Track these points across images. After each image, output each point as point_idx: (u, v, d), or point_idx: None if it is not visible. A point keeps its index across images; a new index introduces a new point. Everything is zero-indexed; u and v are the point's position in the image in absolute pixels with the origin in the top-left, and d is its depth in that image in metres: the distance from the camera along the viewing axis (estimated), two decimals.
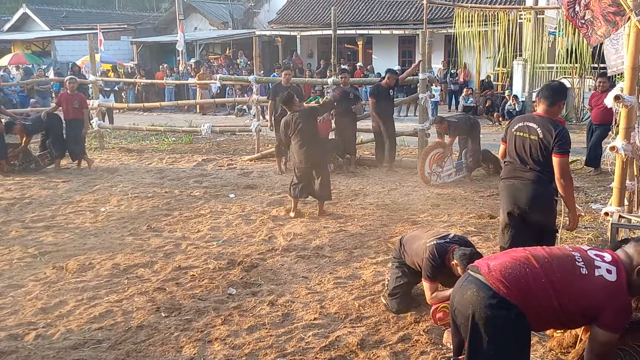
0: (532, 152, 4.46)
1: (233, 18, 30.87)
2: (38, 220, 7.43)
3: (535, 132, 4.44)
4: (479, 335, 2.95)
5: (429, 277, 4.33)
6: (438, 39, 20.34)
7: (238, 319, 4.59)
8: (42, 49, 28.91)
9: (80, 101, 10.81)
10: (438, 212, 7.55)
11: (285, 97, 7.73)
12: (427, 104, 10.29)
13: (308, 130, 7.44)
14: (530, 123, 4.50)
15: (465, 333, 3.03)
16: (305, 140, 7.42)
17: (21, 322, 4.58)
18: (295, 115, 7.47)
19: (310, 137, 7.46)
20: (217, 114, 20.48)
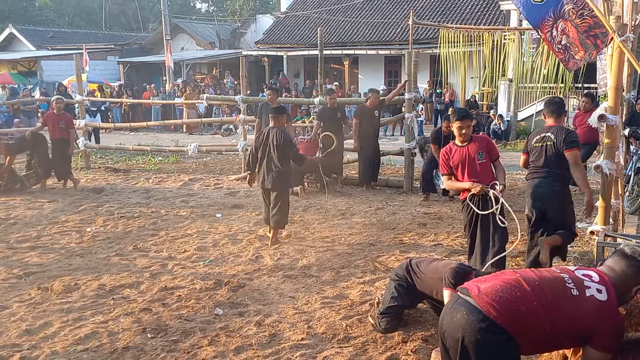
0: (549, 156, 5.41)
1: (220, 38, 31.05)
2: (23, 241, 7.36)
3: (551, 139, 5.40)
4: (468, 359, 2.94)
5: (451, 284, 4.33)
6: (423, 59, 20.60)
7: (225, 339, 4.57)
8: (29, 69, 28.85)
9: (67, 121, 10.79)
10: (425, 232, 7.58)
11: (277, 108, 7.48)
12: (414, 123, 10.38)
13: (277, 150, 7.05)
14: (546, 133, 5.47)
15: (455, 356, 3.00)
16: (270, 159, 7.08)
17: (5, 344, 4.52)
18: (273, 131, 7.15)
19: (273, 158, 7.06)
20: (203, 134, 20.50)
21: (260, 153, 7.15)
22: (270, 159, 7.07)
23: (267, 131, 7.19)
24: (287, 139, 7.12)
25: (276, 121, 7.23)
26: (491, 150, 5.58)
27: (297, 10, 28.19)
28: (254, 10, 38.93)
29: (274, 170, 7.04)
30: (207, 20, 37.26)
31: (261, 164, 7.15)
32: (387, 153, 11.03)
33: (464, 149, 5.51)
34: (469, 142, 5.52)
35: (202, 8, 53.14)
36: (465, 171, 5.52)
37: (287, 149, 7.07)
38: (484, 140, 5.68)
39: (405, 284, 4.68)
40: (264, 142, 7.12)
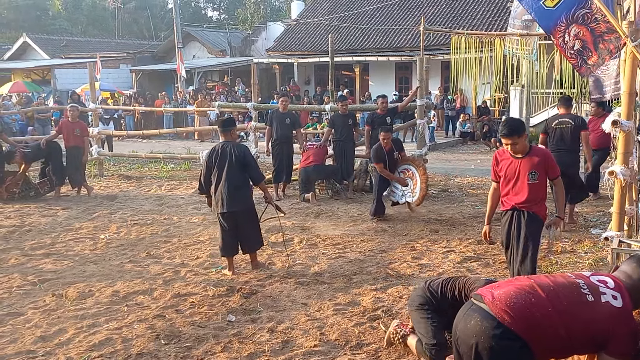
0: (566, 135, 7.77)
1: (231, 46, 31.22)
2: (37, 248, 7.43)
3: (569, 123, 7.82)
4: None
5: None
6: (435, 66, 20.57)
7: (238, 346, 4.58)
8: (42, 78, 29.13)
9: (82, 129, 10.89)
10: (437, 238, 7.56)
11: (226, 120, 6.73)
12: (425, 129, 10.37)
13: (237, 166, 6.31)
14: (563, 119, 7.89)
15: None
16: (226, 178, 6.29)
17: (20, 351, 4.56)
18: (228, 146, 6.38)
19: (232, 176, 6.30)
20: (215, 141, 20.57)
21: (216, 173, 6.36)
22: (230, 177, 6.28)
23: (220, 147, 6.40)
24: (248, 152, 6.46)
25: (227, 135, 6.51)
26: (549, 169, 5.01)
27: (307, 18, 28.29)
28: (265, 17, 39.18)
29: (236, 189, 6.30)
30: (219, 28, 37.49)
31: (218, 185, 6.35)
32: None
33: (516, 162, 5.00)
34: (524, 155, 4.97)
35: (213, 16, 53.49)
36: (511, 189, 5.08)
37: (247, 164, 6.35)
38: (542, 157, 5.00)
39: (433, 308, 4.21)
40: (220, 160, 6.34)
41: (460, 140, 19.31)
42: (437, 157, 15.36)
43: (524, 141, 4.93)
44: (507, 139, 4.89)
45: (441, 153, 16.90)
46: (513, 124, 4.98)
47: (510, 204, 5.11)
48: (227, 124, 6.59)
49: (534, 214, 5.02)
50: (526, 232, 5.04)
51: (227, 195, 6.27)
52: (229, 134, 6.53)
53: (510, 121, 5.10)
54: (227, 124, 6.59)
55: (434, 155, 15.39)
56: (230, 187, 6.28)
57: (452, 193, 10.61)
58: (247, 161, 6.36)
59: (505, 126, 4.94)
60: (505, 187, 5.13)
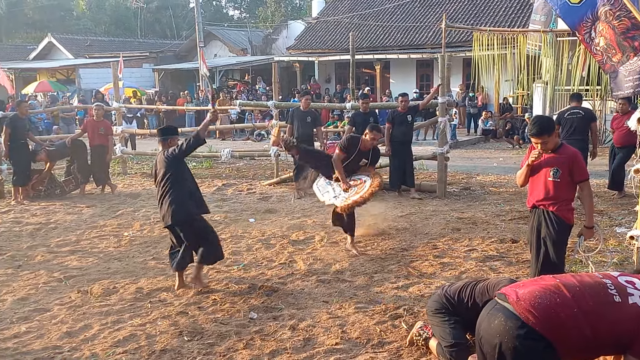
0: (577, 125, 9.04)
1: (252, 45, 31.34)
2: (63, 245, 7.55)
3: (580, 114, 9.13)
4: None
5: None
6: (456, 63, 20.45)
7: (260, 343, 4.61)
8: (67, 77, 29.54)
9: (106, 128, 11.03)
10: (459, 237, 7.52)
11: (163, 129, 6.22)
12: (447, 127, 10.32)
13: (174, 176, 5.76)
14: (575, 110, 9.22)
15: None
16: (168, 189, 5.75)
17: (47, 346, 4.65)
18: (163, 155, 5.83)
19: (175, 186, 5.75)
20: (236, 139, 20.70)
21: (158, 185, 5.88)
22: (168, 188, 5.74)
23: (157, 160, 5.98)
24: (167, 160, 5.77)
25: (164, 144, 5.94)
26: (574, 169, 4.77)
27: (328, 16, 28.28)
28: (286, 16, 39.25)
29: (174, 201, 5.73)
30: (240, 26, 37.66)
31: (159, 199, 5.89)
32: (419, 158, 10.98)
33: (543, 157, 4.85)
34: (553, 151, 4.82)
35: (234, 15, 53.73)
36: (534, 185, 4.98)
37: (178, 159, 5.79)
38: (569, 156, 4.82)
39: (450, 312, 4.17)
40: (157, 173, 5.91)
41: (483, 138, 19.17)
42: (458, 155, 15.28)
43: (554, 138, 4.79)
44: (537, 138, 4.73)
45: (463, 151, 16.79)
46: (542, 122, 4.80)
47: (532, 201, 5.04)
48: (163, 133, 6.05)
49: (556, 215, 4.86)
50: (545, 233, 4.93)
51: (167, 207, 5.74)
52: (165, 144, 5.92)
53: (539, 120, 4.87)
54: (163, 133, 6.05)
55: (456, 153, 15.31)
56: (169, 199, 5.73)
57: (474, 191, 10.54)
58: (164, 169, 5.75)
59: (534, 125, 4.75)
60: (531, 184, 5.05)
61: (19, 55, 33.90)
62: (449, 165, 10.62)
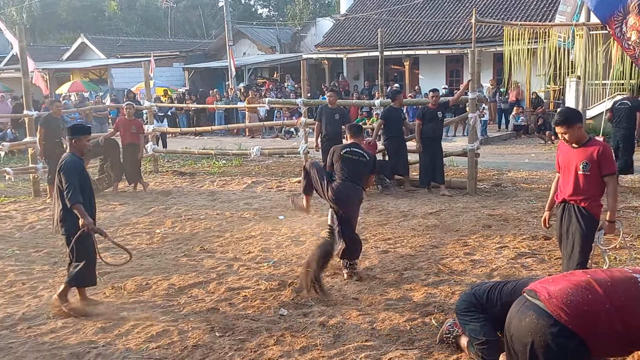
0: (625, 115, 9.88)
1: (280, 42, 31.44)
2: (97, 242, 7.66)
3: (627, 104, 9.90)
4: None
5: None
6: (487, 58, 20.19)
7: (290, 339, 4.64)
8: (99, 77, 30.03)
9: (138, 126, 11.19)
10: (490, 234, 7.45)
11: (72, 128, 5.68)
12: (477, 123, 10.21)
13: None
14: (625, 100, 10.07)
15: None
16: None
17: (82, 341, 4.75)
18: (63, 159, 5.43)
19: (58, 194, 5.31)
20: (265, 137, 20.80)
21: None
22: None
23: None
24: (65, 167, 5.29)
25: (71, 145, 5.49)
26: (602, 163, 4.74)
27: (356, 12, 28.19)
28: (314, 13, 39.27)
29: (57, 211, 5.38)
30: (268, 25, 37.82)
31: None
32: (449, 154, 10.90)
33: (572, 152, 4.86)
34: (580, 145, 4.79)
35: (263, 13, 53.97)
36: (564, 179, 4.97)
37: (62, 182, 5.24)
38: (597, 149, 4.77)
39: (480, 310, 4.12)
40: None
41: (514, 133, 18.92)
42: (489, 151, 15.11)
43: (576, 132, 4.76)
44: (558, 127, 4.83)
45: (494, 147, 16.60)
46: (566, 113, 4.89)
47: (562, 196, 5.00)
48: (71, 132, 5.54)
49: (585, 209, 4.84)
50: (574, 227, 4.90)
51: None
52: (71, 144, 5.48)
53: (565, 110, 4.99)
54: (71, 132, 5.54)
55: (486, 149, 15.16)
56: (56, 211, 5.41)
57: (505, 188, 10.42)
58: (61, 178, 5.26)
59: (559, 114, 4.88)
60: (561, 178, 5.05)
61: (53, 56, 34.58)
62: (479, 162, 10.51)
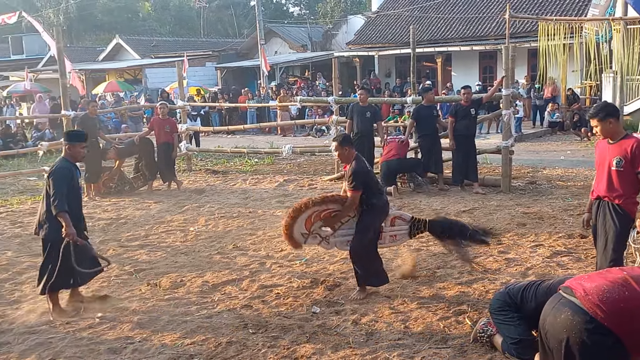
0: None
1: (312, 41, 31.48)
2: (133, 239, 7.84)
3: None
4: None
5: None
6: (521, 54, 19.91)
7: (323, 337, 4.66)
8: (134, 77, 30.51)
9: (171, 126, 11.35)
10: (524, 232, 7.35)
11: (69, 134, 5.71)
12: (511, 120, 10.08)
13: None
14: None
15: (559, 357, 2.93)
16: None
17: (119, 337, 4.84)
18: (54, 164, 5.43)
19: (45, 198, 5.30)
20: (296, 135, 20.86)
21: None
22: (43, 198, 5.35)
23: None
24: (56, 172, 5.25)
25: (65, 150, 5.50)
26: (636, 159, 4.60)
27: (388, 9, 28.06)
28: (345, 11, 39.19)
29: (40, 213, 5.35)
30: (300, 23, 37.90)
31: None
32: (483, 151, 10.78)
33: (607, 148, 4.77)
34: (616, 140, 4.71)
35: (294, 12, 54.10)
36: (598, 175, 4.91)
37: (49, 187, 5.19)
38: (630, 145, 4.66)
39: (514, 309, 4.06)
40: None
41: (549, 130, 18.60)
42: (524, 149, 14.90)
43: (608, 126, 4.70)
44: (591, 119, 4.84)
45: (528, 144, 16.35)
46: (601, 106, 4.88)
47: (597, 193, 4.94)
48: (67, 138, 5.55)
49: (620, 207, 4.75)
50: (608, 225, 4.82)
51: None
52: (66, 150, 5.45)
53: (601, 104, 4.98)
54: (67, 138, 5.55)
55: (521, 146, 14.94)
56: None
57: (540, 185, 10.27)
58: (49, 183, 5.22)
59: (594, 107, 4.88)
60: (596, 175, 5.00)
61: (89, 56, 35.28)
62: (513, 159, 10.38)
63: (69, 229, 5.09)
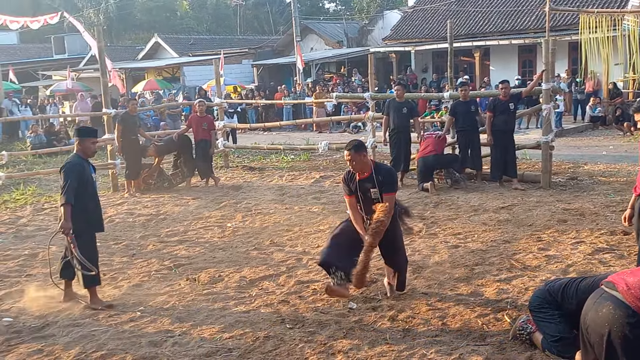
0: None
1: (348, 37, 31.41)
2: (172, 235, 7.97)
3: None
4: (614, 355, 2.81)
5: None
6: (561, 47, 19.49)
7: (359, 333, 4.66)
8: (172, 75, 30.94)
9: (209, 123, 11.48)
10: (565, 229, 7.21)
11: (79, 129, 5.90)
12: (551, 115, 9.89)
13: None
14: None
15: (600, 352, 2.89)
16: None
17: (160, 330, 4.94)
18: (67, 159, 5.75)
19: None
20: (332, 132, 20.87)
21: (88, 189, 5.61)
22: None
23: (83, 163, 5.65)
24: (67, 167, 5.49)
25: (76, 145, 5.65)
26: None
27: (425, 4, 27.80)
28: (381, 6, 38.94)
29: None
30: (335, 19, 37.85)
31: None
32: (522, 147, 10.60)
33: None
34: None
35: (330, 8, 54.02)
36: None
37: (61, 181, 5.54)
38: None
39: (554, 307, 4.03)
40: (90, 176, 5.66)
41: (590, 125, 18.18)
42: (564, 144, 14.61)
43: None
44: (634, 113, 4.79)
45: (569, 139, 16.03)
46: None
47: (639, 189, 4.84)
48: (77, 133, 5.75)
49: None
50: None
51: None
52: (77, 145, 5.62)
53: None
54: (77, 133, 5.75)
55: (561, 141, 14.66)
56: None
57: (581, 181, 10.05)
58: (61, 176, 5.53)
59: (637, 100, 4.86)
60: (639, 171, 4.92)
61: (128, 55, 35.93)
62: (554, 154, 10.18)
63: (66, 222, 5.27)
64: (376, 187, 5.11)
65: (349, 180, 5.29)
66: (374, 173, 5.13)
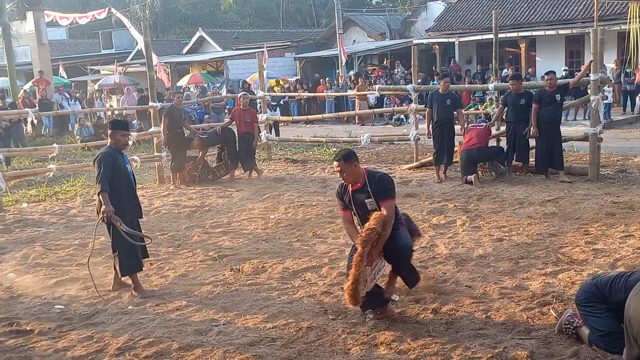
0: None
1: (390, 29, 31.17)
2: (216, 226, 8.10)
3: None
4: None
5: None
6: (610, 37, 18.93)
7: (402, 325, 4.66)
8: (216, 69, 31.32)
9: (252, 116, 11.60)
10: (614, 222, 7.04)
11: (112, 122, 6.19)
12: (599, 106, 9.63)
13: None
14: None
15: None
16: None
17: (205, 319, 5.04)
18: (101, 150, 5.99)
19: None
20: (375, 124, 20.79)
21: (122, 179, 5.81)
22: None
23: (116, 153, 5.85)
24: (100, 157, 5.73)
25: (109, 137, 5.93)
26: None
27: None
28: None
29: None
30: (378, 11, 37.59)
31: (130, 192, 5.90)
32: (569, 139, 10.37)
33: None
34: None
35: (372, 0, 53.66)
36: None
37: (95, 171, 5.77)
38: None
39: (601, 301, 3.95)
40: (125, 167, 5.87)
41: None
42: (613, 136, 14.22)
43: None
44: None
45: (618, 131, 15.58)
46: None
47: None
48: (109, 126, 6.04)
49: None
50: None
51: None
52: (110, 137, 5.88)
53: None
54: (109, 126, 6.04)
55: (610, 133, 14.28)
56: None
57: (630, 174, 9.78)
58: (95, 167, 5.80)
59: None
60: None
61: (173, 49, 36.51)
62: (602, 147, 9.92)
63: (107, 207, 5.47)
64: (371, 197, 4.78)
65: (343, 194, 5.02)
66: (367, 182, 4.83)
